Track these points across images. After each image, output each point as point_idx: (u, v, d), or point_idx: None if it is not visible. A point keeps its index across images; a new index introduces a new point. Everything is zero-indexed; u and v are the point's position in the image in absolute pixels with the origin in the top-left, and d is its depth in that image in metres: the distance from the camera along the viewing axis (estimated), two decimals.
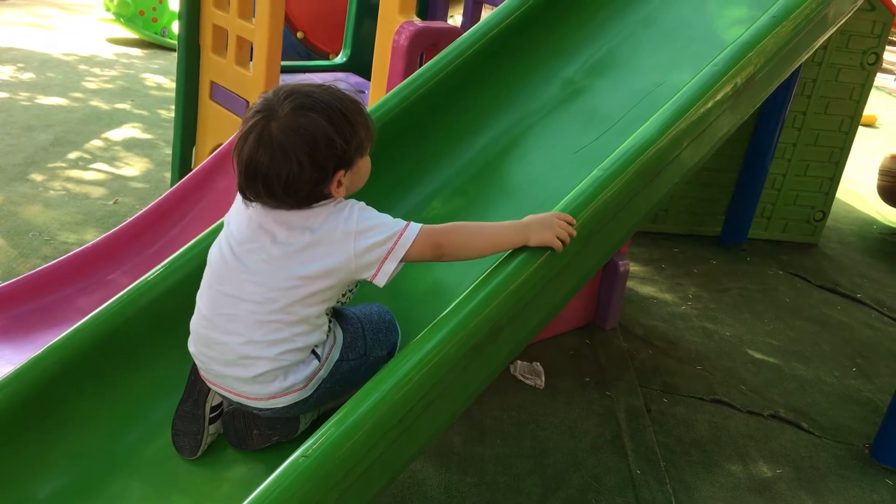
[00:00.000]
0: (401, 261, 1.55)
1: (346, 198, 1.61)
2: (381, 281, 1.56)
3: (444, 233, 1.60)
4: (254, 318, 1.55)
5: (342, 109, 1.53)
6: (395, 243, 1.54)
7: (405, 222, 1.57)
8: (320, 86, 1.57)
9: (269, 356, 1.56)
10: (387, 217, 1.58)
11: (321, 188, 1.54)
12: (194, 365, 1.70)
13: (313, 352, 1.61)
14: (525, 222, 1.65)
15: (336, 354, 1.65)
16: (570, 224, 1.67)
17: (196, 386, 1.70)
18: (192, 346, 1.66)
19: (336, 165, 1.53)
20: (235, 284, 1.57)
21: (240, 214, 1.61)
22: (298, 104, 1.50)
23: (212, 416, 1.70)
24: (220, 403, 1.72)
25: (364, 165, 1.62)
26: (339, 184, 1.55)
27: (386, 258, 1.54)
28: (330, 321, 1.66)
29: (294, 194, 1.52)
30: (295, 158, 1.48)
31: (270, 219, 1.56)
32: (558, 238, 1.64)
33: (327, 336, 1.64)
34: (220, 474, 1.70)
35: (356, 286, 1.70)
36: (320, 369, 1.62)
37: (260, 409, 1.63)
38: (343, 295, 1.66)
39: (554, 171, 2.22)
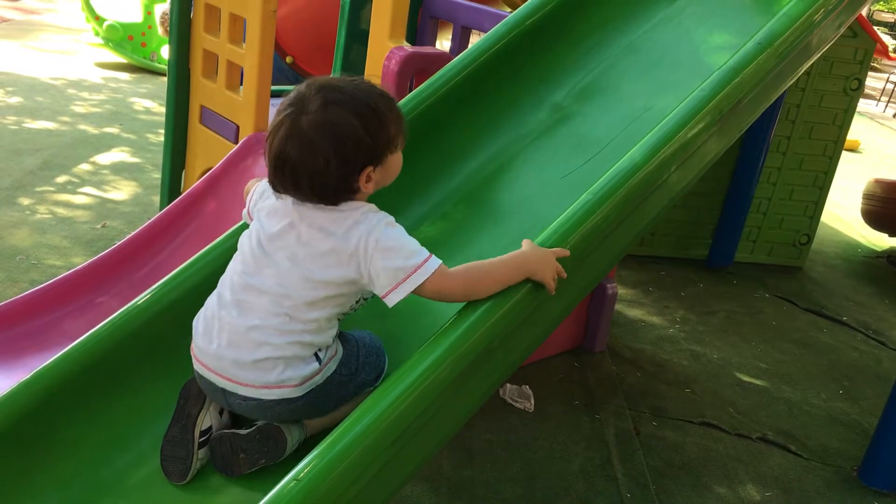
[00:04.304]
0: (414, 290, 1.55)
1: (376, 194, 1.63)
2: (391, 301, 1.57)
3: (455, 277, 1.58)
4: (270, 309, 1.58)
5: (371, 105, 1.55)
6: (415, 271, 1.54)
7: (428, 253, 1.57)
8: (352, 80, 1.59)
9: (275, 343, 1.58)
10: (413, 241, 1.58)
11: (349, 183, 1.56)
12: (183, 389, 1.69)
13: (315, 354, 1.63)
14: (526, 258, 1.65)
15: (333, 366, 1.67)
16: (564, 257, 1.69)
17: (185, 410, 1.69)
18: (198, 323, 1.66)
19: (364, 161, 1.55)
20: (259, 276, 1.60)
21: (272, 209, 1.64)
22: (328, 99, 1.52)
23: (201, 440, 1.69)
24: (209, 428, 1.71)
25: (395, 161, 1.64)
26: (368, 178, 1.58)
27: (402, 282, 1.54)
28: (338, 331, 1.68)
29: (321, 188, 1.55)
30: (322, 154, 1.51)
31: (299, 218, 1.59)
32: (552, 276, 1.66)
33: (332, 342, 1.66)
34: (210, 500, 1.68)
35: (370, 296, 1.70)
36: (317, 373, 1.63)
37: (245, 399, 1.62)
38: (356, 302, 1.68)
39: (543, 196, 2.23)
